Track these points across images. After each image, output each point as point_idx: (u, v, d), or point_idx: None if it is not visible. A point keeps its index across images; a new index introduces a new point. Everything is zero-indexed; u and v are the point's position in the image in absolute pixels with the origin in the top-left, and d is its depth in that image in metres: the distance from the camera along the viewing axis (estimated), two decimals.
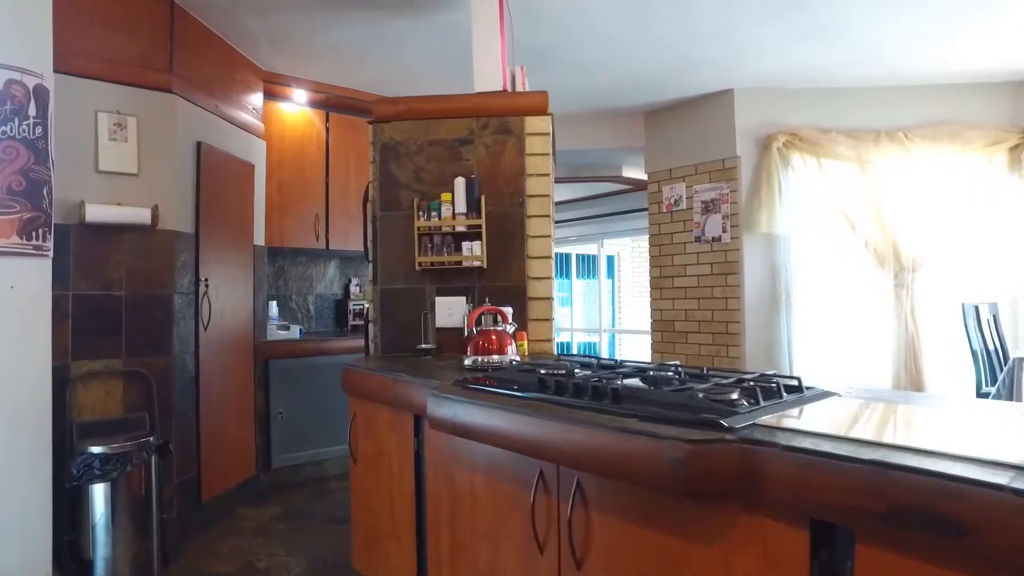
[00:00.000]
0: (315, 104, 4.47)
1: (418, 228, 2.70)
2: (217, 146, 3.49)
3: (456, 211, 2.72)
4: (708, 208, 4.55)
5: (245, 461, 3.78)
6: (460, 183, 2.72)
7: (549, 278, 2.76)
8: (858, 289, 4.23)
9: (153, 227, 3.04)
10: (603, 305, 8.61)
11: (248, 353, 3.83)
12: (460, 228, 2.72)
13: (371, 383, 2.32)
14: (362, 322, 4.76)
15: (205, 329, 3.37)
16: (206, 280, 3.37)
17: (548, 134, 2.76)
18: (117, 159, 3.00)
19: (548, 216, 2.75)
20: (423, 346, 2.70)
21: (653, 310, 5.00)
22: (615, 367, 1.85)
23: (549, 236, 2.76)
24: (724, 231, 4.47)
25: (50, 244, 2.45)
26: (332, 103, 4.51)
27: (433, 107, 2.79)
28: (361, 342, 4.44)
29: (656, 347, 4.98)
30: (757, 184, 4.32)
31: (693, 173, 4.69)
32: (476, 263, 2.70)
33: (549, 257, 2.76)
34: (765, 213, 4.26)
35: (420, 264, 2.71)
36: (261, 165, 4.10)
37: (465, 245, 2.71)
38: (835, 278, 4.28)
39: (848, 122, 4.24)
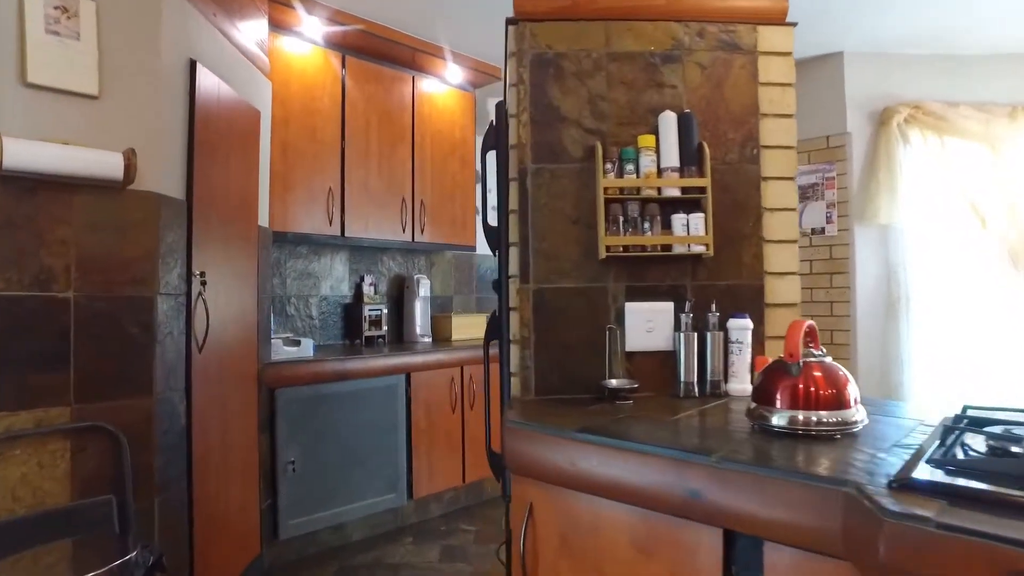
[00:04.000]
0: (331, 44, 3.20)
1: (605, 190, 1.59)
2: (216, 73, 2.20)
3: (662, 164, 1.63)
4: (807, 195, 3.66)
5: (248, 540, 2.48)
6: (669, 120, 1.62)
7: (794, 274, 1.72)
8: (987, 293, 3.47)
9: (125, 185, 1.74)
10: None
11: (251, 381, 2.54)
12: (671, 191, 1.62)
13: (615, 463, 1.18)
14: (378, 333, 3.53)
15: (200, 350, 2.08)
16: (202, 274, 2.08)
17: (790, 54, 1.72)
18: (60, 67, 1.68)
19: (791, 179, 1.72)
20: (611, 383, 1.59)
21: None
22: None
23: (793, 209, 1.72)
24: (829, 221, 3.59)
25: None
26: (352, 43, 3.25)
27: (617, 3, 1.68)
28: (397, 360, 3.22)
29: None
30: (874, 166, 3.46)
31: None
32: (697, 248, 1.62)
33: (794, 241, 1.72)
34: (885, 201, 3.41)
35: (608, 249, 1.59)
36: (266, 114, 2.81)
37: (677, 220, 1.62)
38: (959, 280, 3.50)
39: (976, 94, 3.47)
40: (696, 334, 1.59)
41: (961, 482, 0.84)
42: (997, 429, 1.04)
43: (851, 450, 1.07)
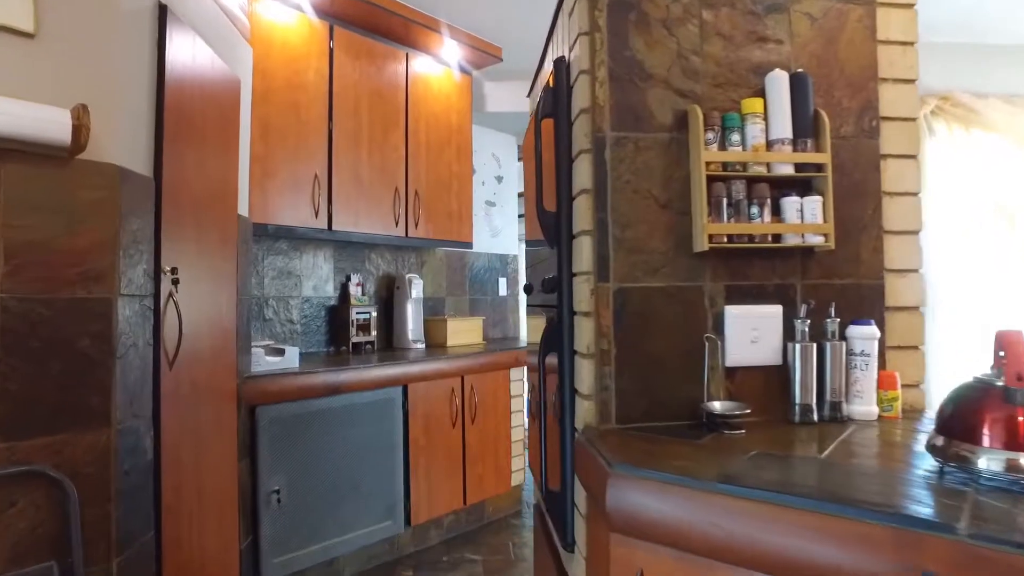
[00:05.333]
0: (318, 11, 2.78)
1: (707, 165, 1.25)
2: (191, 26, 1.78)
3: (772, 136, 1.30)
4: None
5: None
6: (779, 82, 1.30)
7: (916, 271, 1.42)
8: (1016, 301, 3.29)
9: (74, 153, 1.32)
10: None
11: (229, 399, 2.11)
12: (782, 169, 1.30)
13: (783, 528, 0.83)
14: (367, 339, 3.12)
15: (171, 365, 1.65)
16: (173, 271, 1.65)
17: (912, 5, 1.42)
18: None
19: (914, 157, 1.41)
20: (714, 407, 1.25)
21: None
22: None
23: (916, 194, 1.42)
24: None
25: None
26: (341, 11, 2.83)
27: None
28: (394, 370, 2.81)
29: None
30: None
31: None
32: (813, 240, 1.30)
33: (916, 232, 1.42)
34: None
35: (712, 239, 1.26)
36: (247, 85, 2.37)
37: (789, 204, 1.30)
38: (984, 285, 3.31)
39: (1006, 86, 3.29)
40: (815, 345, 1.27)
41: None
42: None
43: None
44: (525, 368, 3.44)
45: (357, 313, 3.13)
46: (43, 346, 1.29)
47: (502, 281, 4.25)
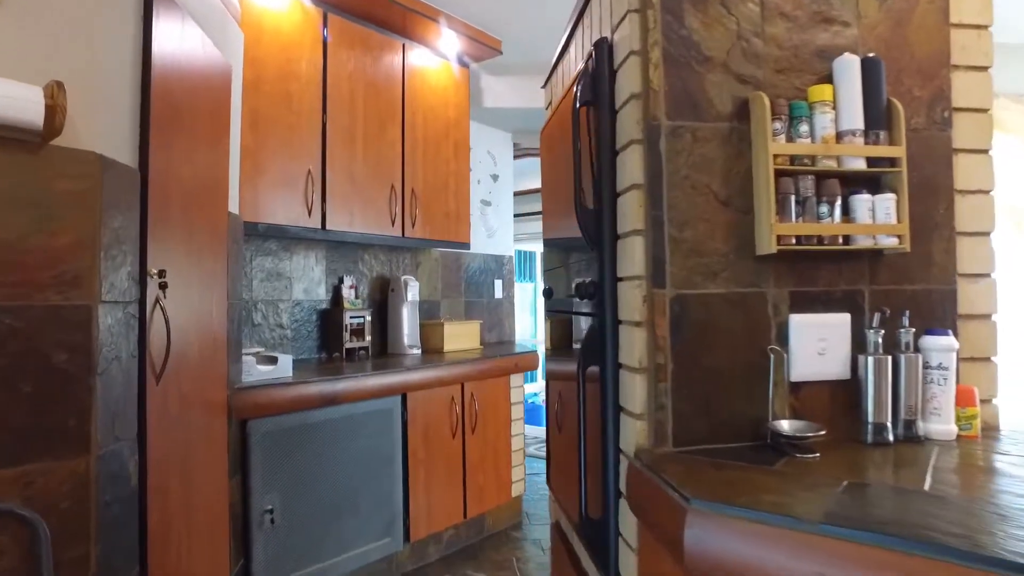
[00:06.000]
0: None
1: (774, 158, 1.12)
2: (180, 3, 1.59)
3: (841, 127, 1.17)
4: None
5: None
6: (849, 67, 1.17)
7: (989, 276, 1.30)
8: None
9: (48, 137, 1.13)
10: None
11: (219, 412, 1.92)
12: (852, 163, 1.17)
13: None
14: (361, 345, 2.95)
15: (158, 380, 1.46)
16: (161, 274, 1.46)
17: None
18: None
19: (986, 152, 1.30)
20: (782, 426, 1.12)
21: None
22: None
23: (989, 192, 1.30)
24: None
25: None
26: None
27: None
28: (394, 378, 2.63)
29: None
30: None
31: None
32: (886, 241, 1.17)
33: (988, 233, 1.30)
34: None
35: (780, 240, 1.12)
36: (238, 72, 2.18)
37: (860, 202, 1.17)
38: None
39: (1015, 85, 3.24)
40: (890, 358, 1.14)
41: None
42: None
43: None
44: (528, 374, 3.30)
45: (351, 317, 2.95)
46: (11, 362, 1.10)
47: (498, 283, 4.09)
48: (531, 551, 2.95)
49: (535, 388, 6.06)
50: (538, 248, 7.65)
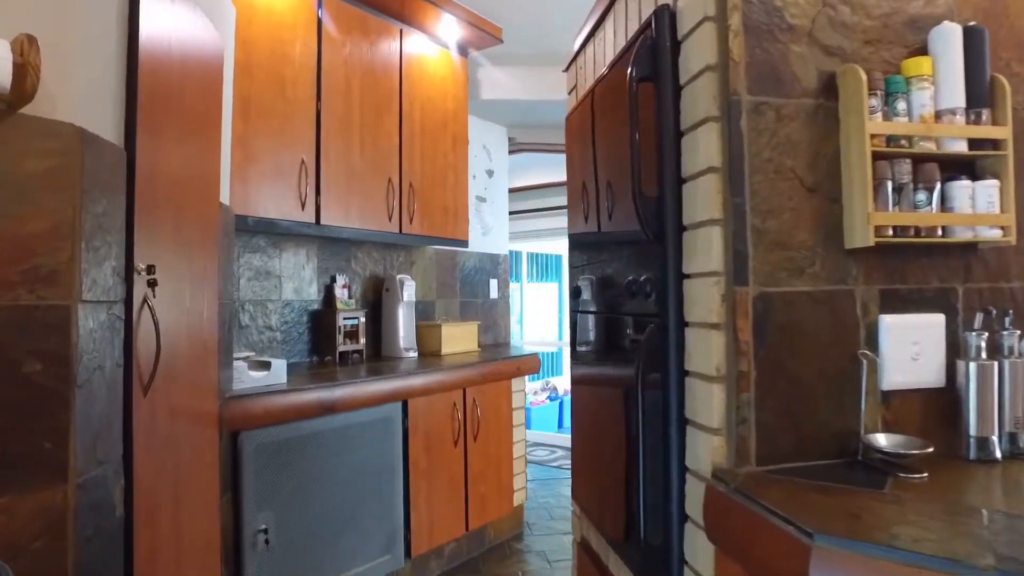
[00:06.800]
0: None
1: (871, 139, 0.98)
2: None
3: (940, 105, 1.04)
4: None
5: None
6: (949, 36, 1.04)
7: None
8: None
9: (17, 103, 0.93)
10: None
11: (210, 424, 1.71)
12: (952, 145, 1.04)
13: None
14: (355, 348, 2.75)
15: (146, 391, 1.26)
16: (149, 269, 1.27)
17: None
18: None
19: None
20: (880, 442, 0.98)
21: None
22: None
23: None
24: None
25: None
26: None
27: None
28: (395, 384, 2.43)
29: None
30: None
31: None
32: (988, 234, 1.05)
33: None
34: None
35: (878, 232, 0.99)
36: (229, 50, 1.98)
37: (959, 189, 1.04)
38: None
39: None
40: (995, 364, 1.02)
41: None
42: None
43: None
44: (527, 377, 3.14)
45: (345, 318, 2.76)
46: None
47: (493, 283, 3.93)
48: (536, 564, 2.80)
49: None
50: (539, 248, 7.48)
